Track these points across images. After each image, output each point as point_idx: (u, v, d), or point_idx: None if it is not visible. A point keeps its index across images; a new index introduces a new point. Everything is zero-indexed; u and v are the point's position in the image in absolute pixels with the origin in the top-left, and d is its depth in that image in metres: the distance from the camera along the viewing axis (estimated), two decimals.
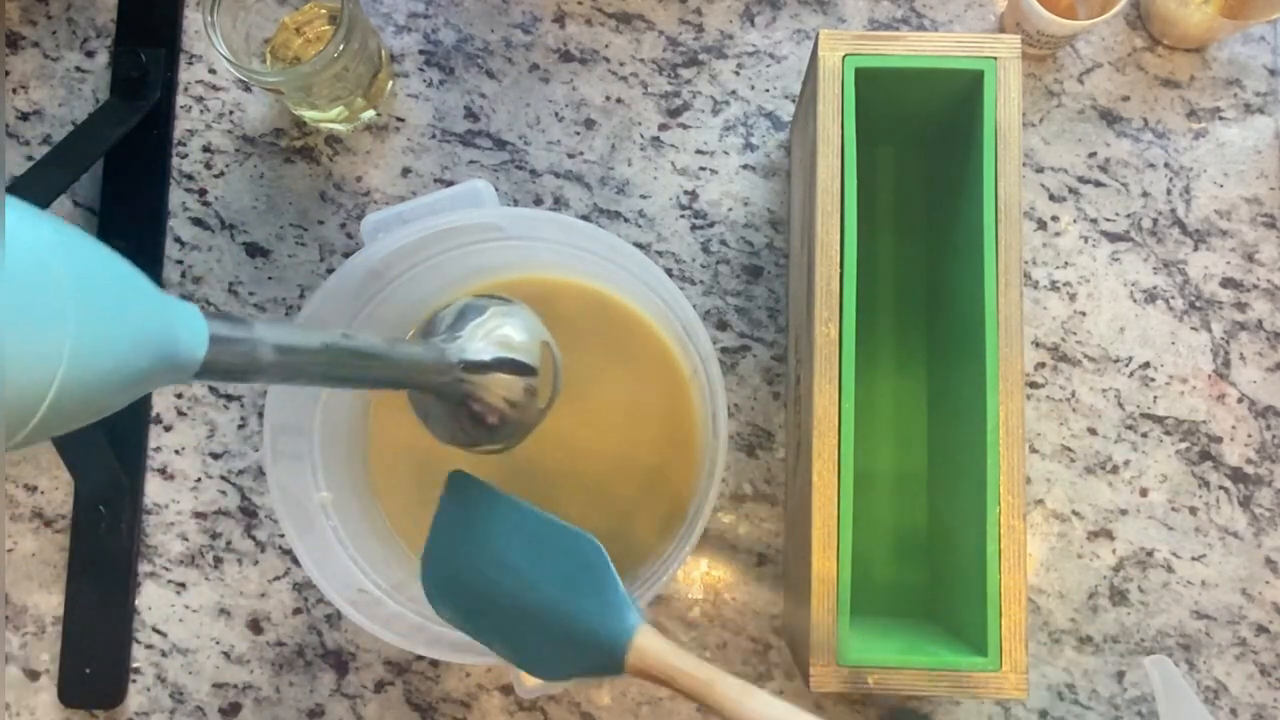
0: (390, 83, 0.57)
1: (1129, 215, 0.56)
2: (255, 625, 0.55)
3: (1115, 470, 0.55)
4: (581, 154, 0.57)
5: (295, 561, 0.55)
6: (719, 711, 0.35)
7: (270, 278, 0.57)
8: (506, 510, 0.41)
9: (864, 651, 0.42)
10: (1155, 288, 0.56)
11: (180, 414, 0.56)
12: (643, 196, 0.57)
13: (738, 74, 0.57)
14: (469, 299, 0.43)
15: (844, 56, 0.44)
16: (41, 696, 0.54)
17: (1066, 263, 0.56)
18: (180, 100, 0.58)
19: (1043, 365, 0.55)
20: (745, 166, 0.57)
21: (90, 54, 0.58)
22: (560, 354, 0.45)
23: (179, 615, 0.55)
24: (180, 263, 0.57)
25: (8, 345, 0.21)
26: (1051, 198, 0.56)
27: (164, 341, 0.27)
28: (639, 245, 0.56)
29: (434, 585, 0.42)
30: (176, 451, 0.56)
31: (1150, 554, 0.54)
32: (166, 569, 0.55)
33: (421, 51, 0.58)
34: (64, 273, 0.23)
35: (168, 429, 0.56)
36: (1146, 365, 0.55)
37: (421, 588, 0.42)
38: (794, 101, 0.57)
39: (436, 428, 0.43)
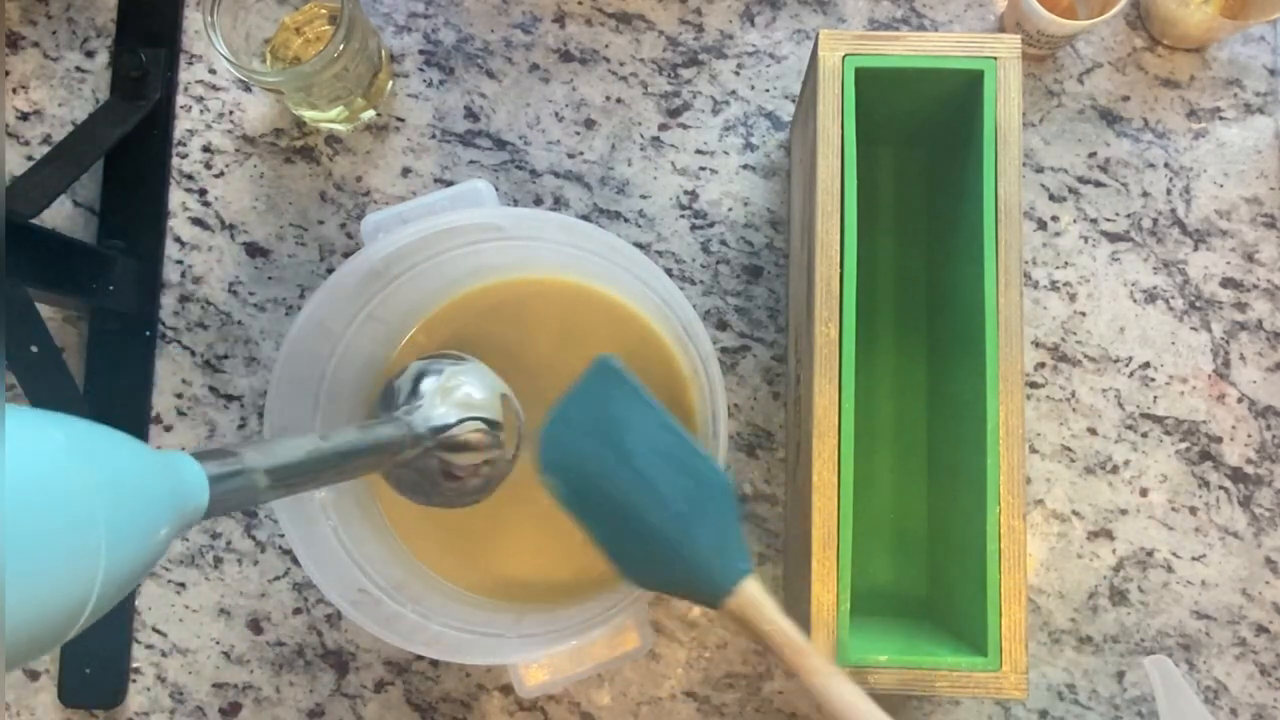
0: (390, 83, 0.57)
1: (1129, 215, 0.56)
2: (255, 625, 0.55)
3: (1115, 470, 0.55)
4: (581, 154, 0.57)
5: (295, 561, 0.55)
6: (802, 681, 0.37)
7: (270, 278, 0.57)
8: (648, 413, 0.40)
9: (864, 651, 0.42)
10: (1155, 288, 0.56)
11: (180, 414, 0.56)
12: (643, 196, 0.57)
13: (738, 74, 0.57)
14: (421, 363, 0.46)
15: (844, 56, 0.44)
16: (41, 696, 0.54)
17: (1066, 263, 0.56)
18: (180, 100, 0.58)
19: (1043, 365, 0.55)
20: (745, 166, 0.57)
21: (90, 54, 0.58)
22: (519, 405, 0.47)
23: (179, 615, 0.55)
24: (180, 263, 0.57)
25: (46, 582, 0.22)
26: (1051, 198, 0.56)
27: (176, 508, 0.28)
28: (639, 245, 0.56)
29: (551, 453, 0.41)
30: None
31: (1150, 554, 0.54)
32: (166, 569, 0.55)
33: (421, 51, 0.58)
34: (88, 487, 0.23)
35: (168, 429, 0.56)
36: (1146, 365, 0.55)
37: (539, 456, 0.41)
38: (794, 101, 0.57)
39: (414, 495, 0.45)
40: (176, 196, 0.57)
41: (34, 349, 0.51)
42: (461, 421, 0.43)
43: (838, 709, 0.36)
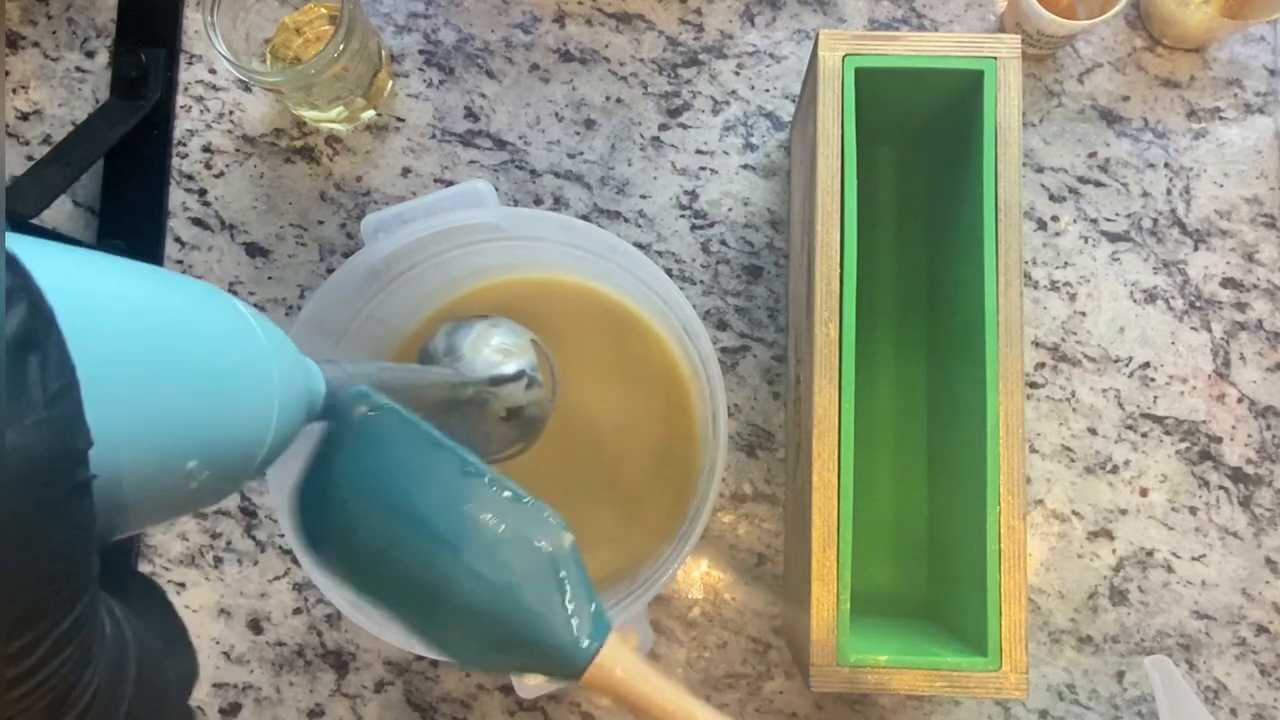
0: (390, 83, 0.57)
1: (1129, 215, 0.56)
2: (255, 625, 0.55)
3: (1115, 470, 0.55)
4: (581, 154, 0.57)
5: (295, 561, 0.55)
6: None
7: (270, 278, 0.57)
8: (437, 455, 0.31)
9: (864, 651, 0.42)
10: (1155, 288, 0.56)
11: None
12: (643, 196, 0.57)
13: (738, 74, 0.57)
14: (452, 324, 0.46)
15: (844, 56, 0.44)
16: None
17: (1066, 263, 0.56)
18: (180, 100, 0.58)
19: (1043, 365, 0.55)
20: (745, 166, 0.57)
21: (90, 54, 0.58)
22: (549, 348, 0.47)
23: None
24: (180, 263, 0.57)
25: (245, 405, 0.24)
26: (1051, 198, 0.56)
27: (307, 389, 0.29)
28: (639, 245, 0.56)
29: (312, 525, 0.31)
30: None
31: (1150, 554, 0.54)
32: (166, 569, 0.55)
33: (421, 51, 0.58)
34: (262, 337, 0.26)
35: None
36: (1146, 365, 0.55)
37: (295, 528, 0.32)
38: (794, 101, 0.57)
39: (478, 440, 0.45)
40: (176, 196, 0.57)
41: None
42: (512, 368, 0.44)
43: None
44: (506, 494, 0.31)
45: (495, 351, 0.44)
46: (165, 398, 0.21)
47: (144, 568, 0.55)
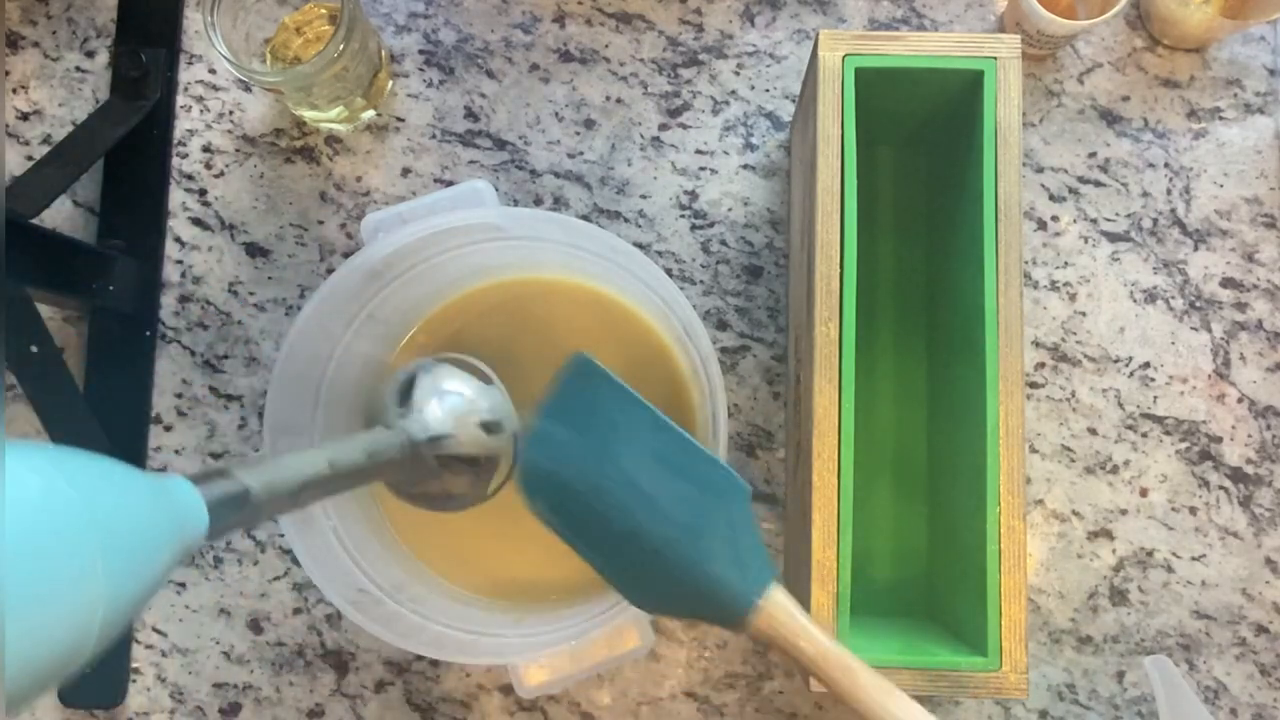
0: (390, 83, 0.57)
1: (1129, 215, 0.56)
2: (255, 625, 0.55)
3: (1115, 470, 0.55)
4: (581, 154, 0.57)
5: (295, 561, 0.55)
6: (850, 704, 0.32)
7: (270, 278, 0.57)
8: (638, 413, 0.36)
9: (864, 651, 0.41)
10: (1155, 288, 0.56)
11: (180, 414, 0.56)
12: (643, 196, 0.57)
13: (738, 74, 0.57)
14: (415, 363, 0.44)
15: (844, 56, 0.44)
16: (41, 696, 0.54)
17: (1066, 263, 0.56)
18: (180, 100, 0.58)
19: (1043, 365, 0.55)
20: (745, 166, 0.57)
21: (90, 54, 0.58)
22: (513, 409, 0.46)
23: (179, 615, 0.55)
24: (180, 263, 0.57)
25: (38, 623, 0.21)
26: (1051, 198, 0.56)
27: (176, 536, 0.27)
28: (639, 245, 0.56)
29: (532, 473, 0.37)
30: (176, 451, 0.56)
31: (1150, 554, 0.54)
32: (165, 582, 0.55)
33: (421, 51, 0.58)
34: (83, 531, 0.23)
35: (168, 429, 0.56)
36: (1146, 365, 0.55)
37: (518, 478, 0.37)
38: (794, 101, 0.57)
39: (416, 501, 0.44)
40: (176, 196, 0.57)
41: (34, 349, 0.51)
42: (456, 427, 0.42)
43: None
44: (690, 449, 0.35)
45: (449, 410, 0.41)
46: None
47: None
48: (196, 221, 0.57)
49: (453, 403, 0.42)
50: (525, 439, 0.38)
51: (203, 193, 0.57)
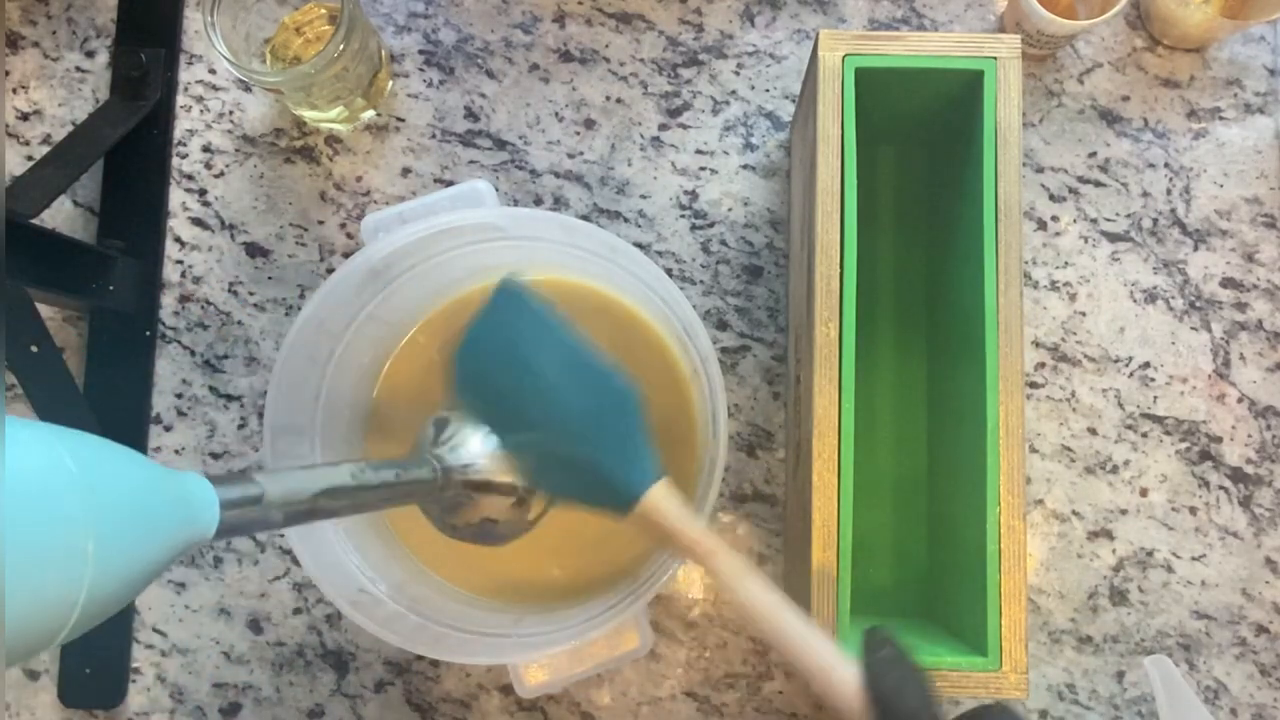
0: (390, 83, 0.57)
1: (1129, 215, 0.56)
2: (255, 625, 0.55)
3: (1115, 470, 0.55)
4: (581, 154, 0.57)
5: (295, 561, 0.55)
6: (715, 583, 0.37)
7: (270, 278, 0.57)
8: (552, 331, 0.42)
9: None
10: (1155, 288, 0.56)
11: (180, 414, 0.56)
12: (643, 196, 0.57)
13: (738, 74, 0.57)
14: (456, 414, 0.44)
15: (844, 56, 0.44)
16: (41, 697, 0.54)
17: (1066, 263, 0.56)
18: (180, 100, 0.58)
19: (1043, 365, 0.55)
20: (745, 166, 0.57)
21: (90, 54, 0.58)
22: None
23: (179, 615, 0.55)
24: (180, 263, 0.57)
25: (23, 587, 0.22)
26: (1051, 198, 0.56)
27: (180, 528, 0.28)
28: (639, 245, 0.56)
29: (464, 372, 0.43)
30: (176, 451, 0.56)
31: (1150, 554, 0.54)
32: (166, 569, 0.55)
33: (421, 51, 0.58)
34: (78, 504, 0.23)
35: (168, 429, 0.56)
36: (1146, 365, 0.55)
37: (453, 374, 0.42)
38: (794, 101, 0.57)
39: (443, 528, 0.44)
40: (176, 196, 0.57)
41: (34, 349, 0.51)
42: (486, 455, 0.42)
43: (753, 610, 0.36)
44: (589, 361, 0.41)
45: (487, 450, 0.42)
46: None
47: None
48: (196, 221, 0.57)
49: (484, 434, 0.42)
50: (459, 346, 0.43)
51: (203, 193, 0.57)
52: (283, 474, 0.33)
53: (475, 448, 0.41)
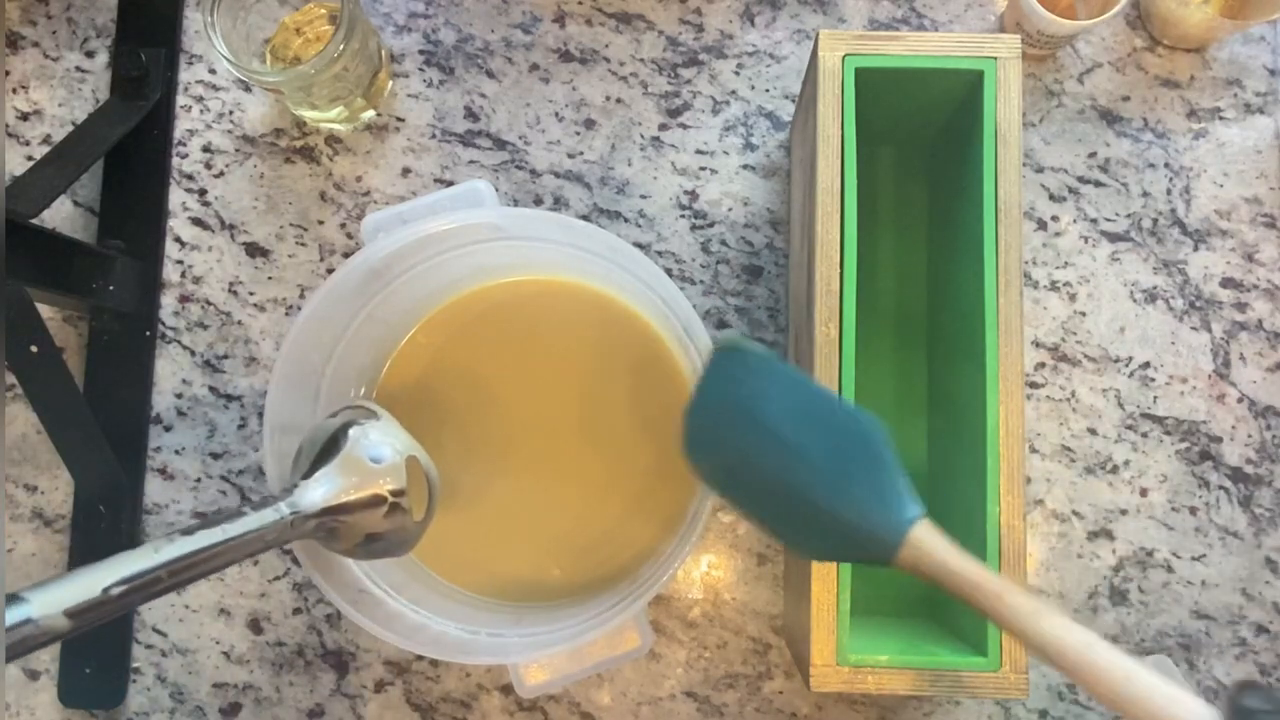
0: (390, 83, 0.57)
1: (1129, 215, 0.56)
2: (255, 625, 0.55)
3: (1115, 470, 0.55)
4: (581, 154, 0.57)
5: (295, 561, 0.55)
6: (1002, 626, 0.33)
7: (270, 278, 0.57)
8: (779, 376, 0.39)
9: (864, 651, 0.42)
10: (1155, 288, 0.56)
11: (180, 414, 0.56)
12: (643, 196, 0.57)
13: (738, 74, 0.57)
14: (326, 422, 0.43)
15: (844, 56, 0.44)
16: (41, 696, 0.54)
17: (1066, 263, 0.56)
18: (180, 100, 0.58)
19: (1043, 365, 0.55)
20: (745, 166, 0.57)
21: (90, 54, 0.58)
22: (433, 467, 0.45)
23: (179, 615, 0.55)
24: (180, 263, 0.57)
25: None
26: (1051, 198, 0.56)
27: None
28: (639, 245, 0.56)
29: (694, 440, 0.40)
30: (176, 451, 0.56)
31: (1150, 554, 0.54)
32: None
33: (421, 51, 0.58)
34: None
35: (168, 429, 0.56)
36: (1146, 365, 0.55)
37: (684, 449, 0.40)
38: (794, 101, 0.57)
39: (339, 553, 0.43)
40: (176, 196, 0.57)
41: (34, 349, 0.51)
42: (331, 508, 0.40)
43: (1055, 651, 0.31)
44: (828, 401, 0.39)
45: (352, 474, 0.40)
46: None
47: None
48: (196, 221, 0.57)
49: (356, 467, 0.41)
50: (685, 415, 0.40)
51: (203, 193, 0.57)
52: (60, 580, 0.31)
53: (322, 484, 0.40)
